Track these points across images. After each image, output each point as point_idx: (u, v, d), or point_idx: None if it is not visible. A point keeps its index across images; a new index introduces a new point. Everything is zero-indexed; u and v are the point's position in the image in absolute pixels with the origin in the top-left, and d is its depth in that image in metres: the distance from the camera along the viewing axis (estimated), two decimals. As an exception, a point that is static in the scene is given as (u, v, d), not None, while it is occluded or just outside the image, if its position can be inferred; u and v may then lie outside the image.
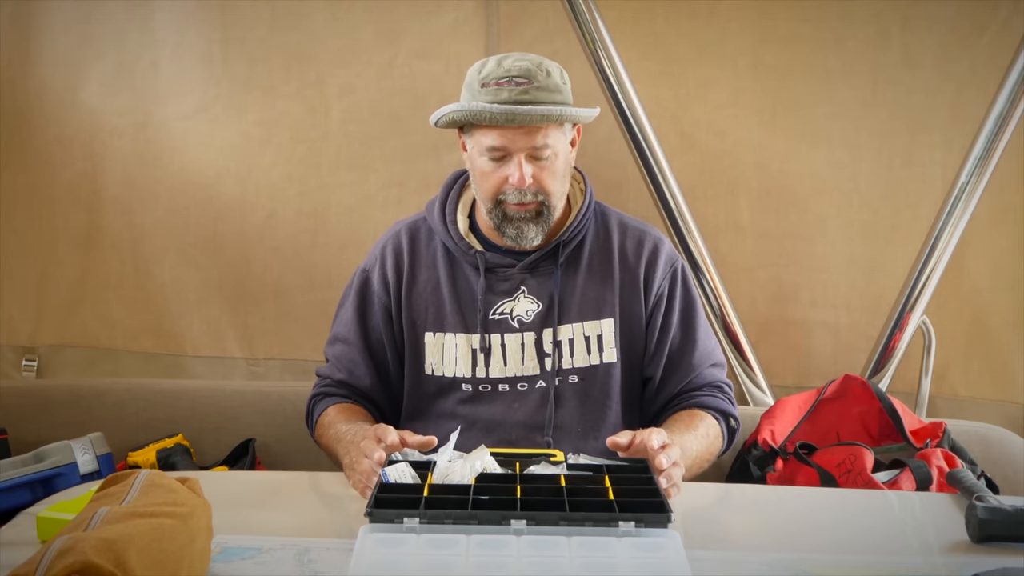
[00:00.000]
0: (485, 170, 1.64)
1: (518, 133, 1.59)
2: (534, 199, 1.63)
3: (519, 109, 1.56)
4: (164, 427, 2.08)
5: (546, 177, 1.63)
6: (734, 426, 1.73)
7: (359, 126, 2.28)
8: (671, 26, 2.23)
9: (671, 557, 1.09)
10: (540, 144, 1.60)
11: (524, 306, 1.70)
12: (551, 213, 1.66)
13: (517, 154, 1.61)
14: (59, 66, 2.28)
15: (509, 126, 1.59)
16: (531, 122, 1.58)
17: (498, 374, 1.69)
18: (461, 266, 1.73)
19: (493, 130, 1.60)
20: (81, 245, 2.33)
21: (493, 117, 1.58)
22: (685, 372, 1.73)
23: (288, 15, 2.25)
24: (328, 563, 1.12)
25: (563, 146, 1.65)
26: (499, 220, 1.66)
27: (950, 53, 2.18)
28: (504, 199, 1.64)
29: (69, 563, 0.87)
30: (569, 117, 1.62)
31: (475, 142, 1.64)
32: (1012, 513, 1.22)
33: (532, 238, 1.66)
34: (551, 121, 1.60)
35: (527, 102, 1.58)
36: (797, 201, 2.27)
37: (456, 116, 1.62)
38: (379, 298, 1.74)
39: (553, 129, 1.62)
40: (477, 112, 1.59)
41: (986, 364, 2.27)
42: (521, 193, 1.62)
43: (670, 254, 1.77)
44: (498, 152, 1.61)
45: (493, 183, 1.64)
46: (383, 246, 1.78)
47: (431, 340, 1.71)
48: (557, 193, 1.66)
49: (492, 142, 1.61)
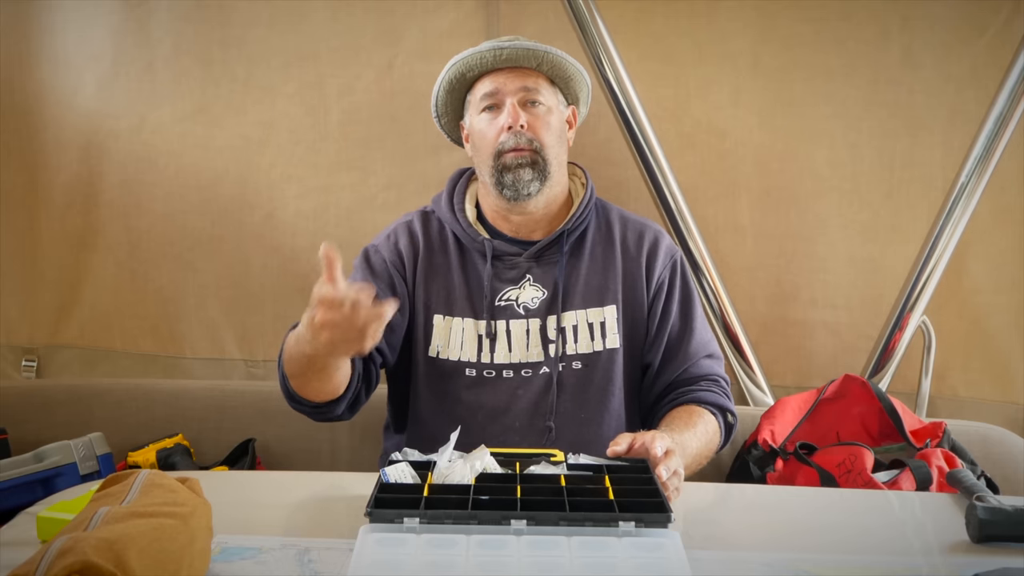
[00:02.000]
0: (483, 128, 1.72)
1: (508, 76, 1.71)
2: (529, 145, 1.68)
3: (506, 43, 1.70)
4: (164, 427, 2.08)
5: (540, 126, 1.71)
6: (732, 421, 1.73)
7: (359, 127, 2.28)
8: (671, 26, 2.23)
9: (671, 557, 1.09)
10: (531, 87, 1.71)
11: (530, 293, 1.73)
12: (546, 166, 1.70)
13: (510, 97, 1.70)
14: (57, 67, 2.28)
15: (500, 71, 1.71)
16: (519, 60, 1.71)
17: (503, 360, 1.71)
18: (470, 254, 1.76)
19: (485, 78, 1.73)
20: (79, 247, 2.33)
21: (482, 57, 1.71)
22: (683, 359, 1.75)
23: (288, 15, 2.25)
24: (328, 563, 1.12)
25: (555, 107, 1.75)
26: (499, 175, 1.70)
27: (950, 53, 2.18)
28: (502, 148, 1.69)
29: (69, 563, 0.87)
30: (556, 57, 1.73)
31: (473, 108, 1.75)
32: (1012, 513, 1.22)
33: (529, 183, 1.69)
34: (538, 58, 1.71)
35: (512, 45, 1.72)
36: (797, 201, 2.27)
37: (450, 74, 1.75)
38: (392, 265, 1.75)
39: (544, 86, 1.74)
40: (469, 57, 1.72)
41: (986, 364, 2.27)
42: (516, 136, 1.68)
43: (670, 246, 1.82)
44: (491, 99, 1.72)
45: (491, 137, 1.71)
46: (395, 229, 1.81)
47: (440, 322, 1.73)
48: (551, 147, 1.71)
49: (485, 89, 1.73)
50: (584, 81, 1.81)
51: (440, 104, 1.82)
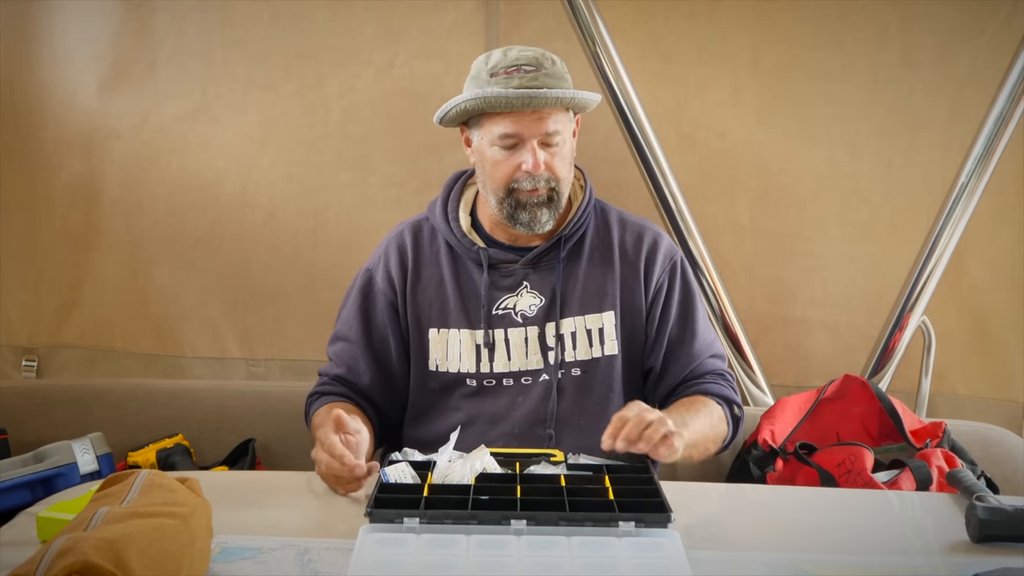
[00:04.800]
0: (497, 159, 1.66)
1: (531, 119, 1.62)
2: (546, 185, 1.65)
3: (535, 92, 1.60)
4: (164, 427, 2.08)
5: (557, 163, 1.66)
6: (738, 414, 1.72)
7: (359, 126, 2.28)
8: (671, 26, 2.23)
9: (671, 557, 1.09)
10: (552, 130, 1.64)
11: (527, 301, 1.72)
12: (560, 199, 1.69)
13: (530, 140, 1.63)
14: (58, 67, 2.28)
15: (522, 113, 1.61)
16: (546, 105, 1.62)
17: (502, 368, 1.70)
18: (464, 263, 1.74)
19: (506, 118, 1.63)
20: (80, 246, 2.33)
21: (510, 102, 1.60)
22: (686, 362, 1.74)
23: (288, 15, 2.25)
24: (328, 563, 1.12)
25: (568, 132, 1.70)
26: (511, 208, 1.67)
27: (950, 53, 2.18)
28: (517, 187, 1.66)
29: (69, 563, 0.87)
30: (581, 100, 1.66)
31: (484, 132, 1.67)
32: (1012, 513, 1.22)
33: (545, 223, 1.68)
34: (565, 104, 1.65)
35: (539, 87, 1.61)
36: (797, 201, 2.27)
37: (470, 105, 1.64)
38: (384, 295, 1.75)
39: (560, 115, 1.66)
40: (493, 98, 1.61)
41: (986, 364, 2.27)
42: (534, 179, 1.64)
43: (669, 248, 1.80)
44: (511, 139, 1.64)
45: (505, 171, 1.66)
46: (386, 245, 1.79)
47: (435, 336, 1.72)
48: (566, 179, 1.69)
49: (505, 129, 1.63)
50: (599, 99, 1.75)
51: (448, 120, 1.73)
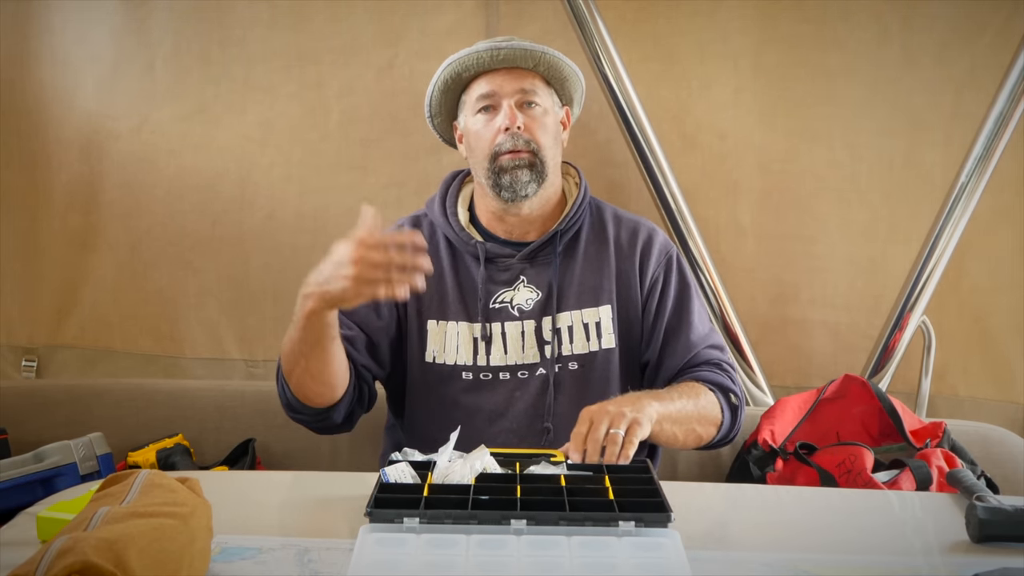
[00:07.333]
0: (479, 129, 1.72)
1: (505, 77, 1.71)
2: (526, 147, 1.68)
3: (504, 44, 1.69)
4: (164, 427, 2.08)
5: (536, 127, 1.70)
6: (735, 402, 1.71)
7: (359, 127, 2.28)
8: (672, 26, 2.23)
9: (671, 557, 1.09)
10: (528, 88, 1.71)
11: (524, 295, 1.73)
12: (543, 168, 1.70)
13: (507, 99, 1.70)
14: (57, 68, 2.28)
15: (496, 71, 1.70)
16: (517, 61, 1.70)
17: (499, 362, 1.71)
18: (463, 257, 1.76)
19: (481, 79, 1.73)
20: (79, 247, 2.33)
21: (479, 57, 1.70)
22: (682, 353, 1.74)
23: (288, 15, 2.25)
24: (328, 563, 1.12)
25: (551, 108, 1.75)
26: (495, 176, 1.69)
27: (950, 52, 2.18)
28: (499, 150, 1.69)
29: (69, 563, 0.87)
30: (553, 58, 1.73)
31: (468, 108, 1.75)
32: (1012, 513, 1.22)
33: (527, 183, 1.69)
34: (535, 59, 1.71)
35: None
36: (798, 201, 2.27)
37: (446, 73, 1.73)
38: None
39: (540, 87, 1.73)
40: (465, 57, 1.71)
41: (986, 364, 2.27)
42: (514, 139, 1.68)
43: (664, 243, 1.81)
44: (488, 100, 1.71)
45: (487, 138, 1.70)
46: None
47: (434, 328, 1.73)
48: (548, 148, 1.71)
49: (481, 90, 1.72)
50: (579, 82, 1.82)
51: (434, 104, 1.81)
